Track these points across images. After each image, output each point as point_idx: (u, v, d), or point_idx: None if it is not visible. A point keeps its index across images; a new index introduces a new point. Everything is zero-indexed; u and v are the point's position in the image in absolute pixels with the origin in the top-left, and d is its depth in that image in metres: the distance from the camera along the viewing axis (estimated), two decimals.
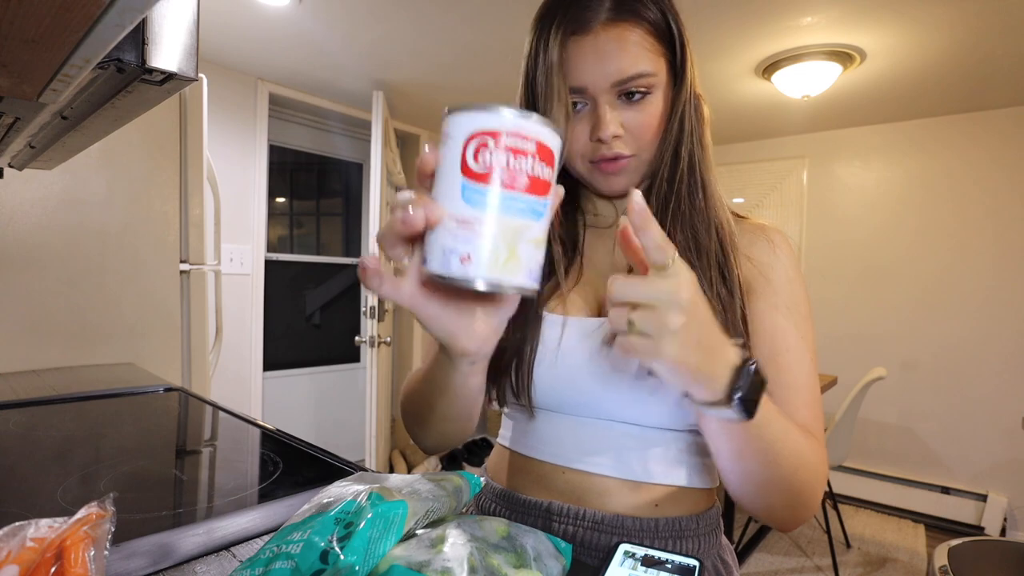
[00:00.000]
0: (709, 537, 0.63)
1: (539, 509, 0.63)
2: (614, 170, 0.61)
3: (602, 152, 0.59)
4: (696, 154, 0.62)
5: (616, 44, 0.56)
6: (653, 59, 0.58)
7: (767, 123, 3.12)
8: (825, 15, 1.88)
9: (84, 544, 0.37)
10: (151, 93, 0.47)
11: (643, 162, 0.62)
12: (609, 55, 0.56)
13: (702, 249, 0.60)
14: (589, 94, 0.58)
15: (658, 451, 0.60)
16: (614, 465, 0.61)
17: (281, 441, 0.84)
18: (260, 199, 2.71)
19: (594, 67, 0.57)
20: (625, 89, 0.57)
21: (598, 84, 0.57)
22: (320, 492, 0.46)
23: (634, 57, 0.56)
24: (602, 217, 0.70)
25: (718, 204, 0.62)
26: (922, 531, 2.83)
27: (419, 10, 1.94)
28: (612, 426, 0.61)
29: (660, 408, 0.58)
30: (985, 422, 2.81)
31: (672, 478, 0.61)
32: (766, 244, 0.62)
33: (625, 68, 0.56)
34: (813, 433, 0.56)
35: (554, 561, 0.45)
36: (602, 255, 0.68)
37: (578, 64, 0.57)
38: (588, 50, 0.57)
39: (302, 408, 3.22)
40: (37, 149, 0.78)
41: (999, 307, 2.78)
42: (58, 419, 0.93)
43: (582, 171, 0.63)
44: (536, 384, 0.62)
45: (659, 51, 0.58)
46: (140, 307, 1.52)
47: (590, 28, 0.56)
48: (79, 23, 0.29)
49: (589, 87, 0.57)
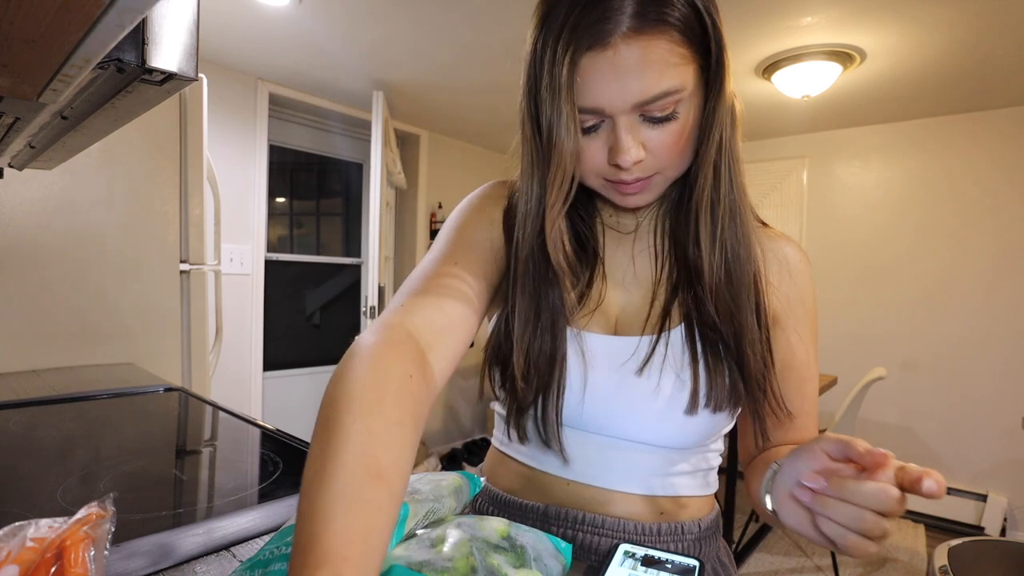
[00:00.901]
0: (709, 540, 0.63)
1: (536, 513, 0.62)
2: (634, 191, 0.55)
3: (621, 176, 0.53)
4: (733, 169, 0.55)
5: (638, 60, 0.47)
6: (681, 71, 0.49)
7: (767, 123, 3.12)
8: (825, 15, 1.88)
9: (84, 544, 0.37)
10: (151, 93, 0.47)
11: (668, 178, 0.56)
12: (630, 73, 0.48)
13: (743, 284, 0.56)
14: (607, 114, 0.50)
15: (667, 467, 0.60)
16: (621, 480, 0.59)
17: (281, 441, 0.84)
18: (260, 199, 2.71)
19: (612, 87, 0.48)
20: (648, 111, 0.50)
21: (616, 106, 0.49)
22: None
23: (659, 75, 0.48)
24: (623, 223, 0.64)
25: (753, 229, 0.58)
26: (922, 531, 2.83)
27: (419, 10, 1.94)
28: (622, 444, 0.59)
29: (685, 429, 0.57)
30: (985, 422, 2.81)
31: (678, 490, 0.61)
32: (788, 276, 0.61)
33: (649, 87, 0.48)
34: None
35: (554, 561, 0.45)
36: (621, 262, 0.63)
37: (594, 83, 0.49)
38: (606, 68, 0.48)
39: (302, 408, 3.22)
40: (37, 149, 0.78)
41: (999, 307, 2.78)
42: (58, 419, 0.93)
43: (597, 188, 0.57)
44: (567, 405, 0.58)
45: (689, 58, 0.49)
46: (140, 307, 1.52)
47: (608, 42, 0.47)
48: (79, 23, 0.29)
49: (607, 108, 0.49)
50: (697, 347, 0.56)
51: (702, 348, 0.56)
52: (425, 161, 3.48)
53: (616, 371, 0.57)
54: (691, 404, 0.55)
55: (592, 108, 0.50)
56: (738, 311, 0.55)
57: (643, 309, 0.60)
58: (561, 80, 0.49)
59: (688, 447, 0.59)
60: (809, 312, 0.62)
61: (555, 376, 0.57)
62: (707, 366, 0.55)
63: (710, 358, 0.56)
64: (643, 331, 0.58)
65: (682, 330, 0.57)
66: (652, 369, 0.56)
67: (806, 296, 0.62)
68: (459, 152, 3.69)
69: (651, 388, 0.56)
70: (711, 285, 0.55)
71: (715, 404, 0.55)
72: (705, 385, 0.55)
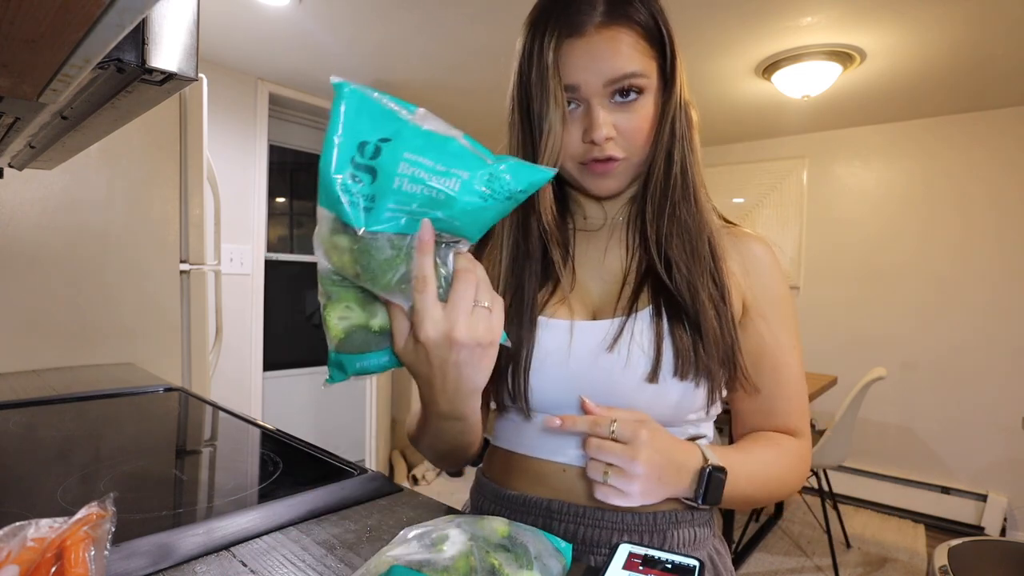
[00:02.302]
0: (704, 528, 0.65)
1: (539, 507, 0.63)
2: (605, 171, 0.62)
3: (594, 154, 0.60)
4: (688, 159, 0.63)
5: (609, 45, 0.58)
6: (645, 61, 0.59)
7: (767, 123, 3.12)
8: (825, 15, 1.88)
9: (84, 544, 0.37)
10: (151, 93, 0.47)
11: (633, 165, 0.63)
12: (602, 55, 0.58)
13: (697, 253, 0.62)
14: (582, 94, 0.59)
15: None
16: None
17: (281, 441, 0.84)
18: (260, 199, 2.71)
19: (588, 66, 0.58)
20: (619, 87, 0.59)
21: (591, 83, 0.58)
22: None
23: (627, 57, 0.58)
24: (591, 220, 0.71)
25: (708, 209, 0.65)
26: (922, 531, 2.83)
27: (420, 11, 1.94)
28: None
29: (655, 398, 0.60)
30: (985, 422, 2.81)
31: None
32: (754, 262, 0.66)
33: (619, 67, 0.58)
34: (801, 432, 0.65)
35: (554, 561, 0.45)
36: (593, 257, 0.69)
37: (572, 63, 0.58)
38: (582, 51, 0.58)
39: (302, 408, 3.22)
40: (37, 149, 0.78)
41: (1000, 307, 2.78)
42: (58, 419, 0.93)
43: (573, 172, 0.64)
44: (534, 388, 0.63)
45: (650, 54, 0.60)
46: (140, 307, 1.52)
47: (584, 30, 0.58)
48: (79, 23, 0.29)
49: (582, 86, 0.59)
50: (664, 324, 0.61)
51: (668, 324, 0.61)
52: None
53: (591, 352, 0.62)
54: (652, 373, 0.59)
55: (572, 85, 0.59)
56: (693, 279, 0.61)
57: (615, 295, 0.65)
58: (548, 62, 0.59)
59: (666, 419, 0.61)
60: (776, 300, 0.66)
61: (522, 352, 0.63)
62: (672, 338, 0.60)
63: (675, 331, 0.60)
64: (614, 314, 0.64)
65: (650, 310, 0.62)
66: (621, 346, 0.61)
67: (772, 285, 0.66)
68: None
69: (621, 363, 0.60)
70: (667, 255, 0.62)
71: (680, 372, 0.59)
72: (670, 354, 0.59)
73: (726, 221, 0.69)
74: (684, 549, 0.62)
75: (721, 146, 3.60)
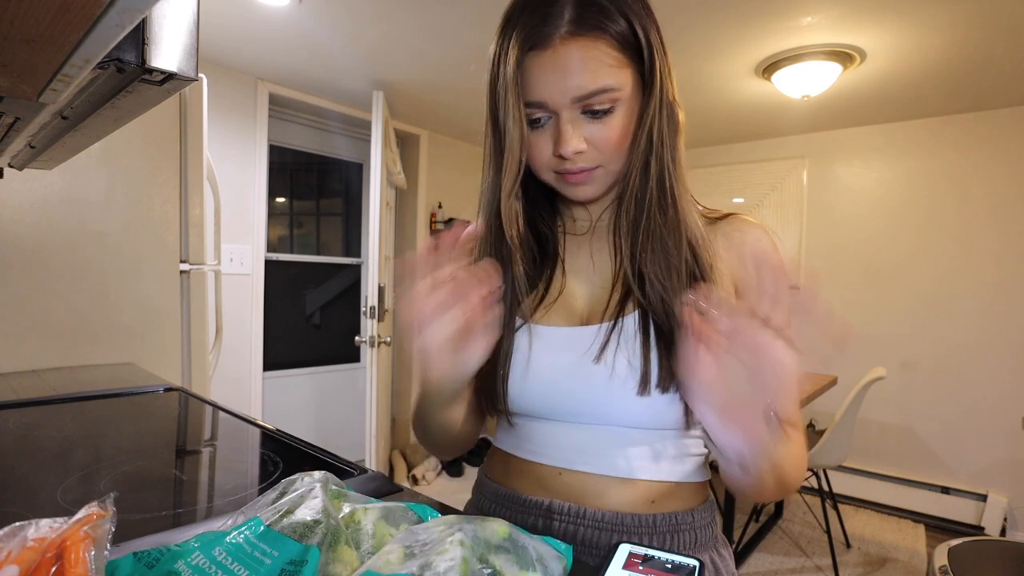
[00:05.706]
0: (705, 530, 0.64)
1: (540, 508, 0.63)
2: (579, 181, 0.60)
3: (566, 166, 0.59)
4: (667, 167, 0.60)
5: (577, 59, 0.54)
6: (617, 72, 0.55)
7: (767, 123, 3.12)
8: (825, 15, 1.88)
9: (84, 544, 0.37)
10: (151, 93, 0.47)
11: (610, 171, 0.60)
12: (569, 70, 0.54)
13: (672, 267, 0.59)
14: (550, 108, 0.56)
15: (646, 450, 0.62)
16: (607, 465, 0.62)
17: (281, 441, 0.84)
18: (260, 199, 2.71)
19: (554, 82, 0.55)
20: (587, 105, 0.55)
21: (557, 100, 0.55)
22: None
23: (594, 73, 0.54)
24: (579, 223, 0.69)
25: (690, 219, 0.61)
26: (922, 531, 2.83)
27: (419, 10, 1.94)
28: (600, 429, 0.62)
29: (642, 410, 0.59)
30: (985, 422, 2.81)
31: (664, 474, 0.62)
32: (738, 254, 0.63)
33: (586, 84, 0.54)
34: (797, 425, 0.62)
35: (555, 562, 0.45)
36: (581, 261, 0.68)
37: (538, 79, 0.55)
38: (547, 65, 0.54)
39: (302, 408, 3.21)
40: (37, 149, 0.78)
41: (1000, 307, 2.78)
42: (58, 419, 0.93)
43: (551, 181, 0.62)
44: (514, 394, 0.63)
45: (625, 63, 0.56)
46: (140, 307, 1.52)
47: (549, 42, 0.54)
48: (79, 23, 0.29)
49: (549, 102, 0.56)
50: (650, 332, 0.59)
51: (655, 332, 0.59)
52: (425, 161, 3.48)
53: (578, 359, 0.61)
54: (642, 385, 0.58)
55: (537, 102, 0.56)
56: (667, 295, 0.58)
57: (604, 301, 0.64)
58: (508, 77, 0.56)
59: (659, 428, 0.61)
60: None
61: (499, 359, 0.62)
62: (657, 349, 0.58)
63: (660, 341, 0.58)
64: (602, 320, 0.62)
65: (636, 316, 0.60)
66: (607, 354, 0.59)
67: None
68: (459, 152, 3.69)
69: (607, 372, 0.59)
70: (641, 271, 0.60)
71: (663, 385, 0.58)
72: (655, 367, 0.58)
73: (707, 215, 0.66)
74: (686, 552, 0.62)
75: (721, 146, 3.60)
